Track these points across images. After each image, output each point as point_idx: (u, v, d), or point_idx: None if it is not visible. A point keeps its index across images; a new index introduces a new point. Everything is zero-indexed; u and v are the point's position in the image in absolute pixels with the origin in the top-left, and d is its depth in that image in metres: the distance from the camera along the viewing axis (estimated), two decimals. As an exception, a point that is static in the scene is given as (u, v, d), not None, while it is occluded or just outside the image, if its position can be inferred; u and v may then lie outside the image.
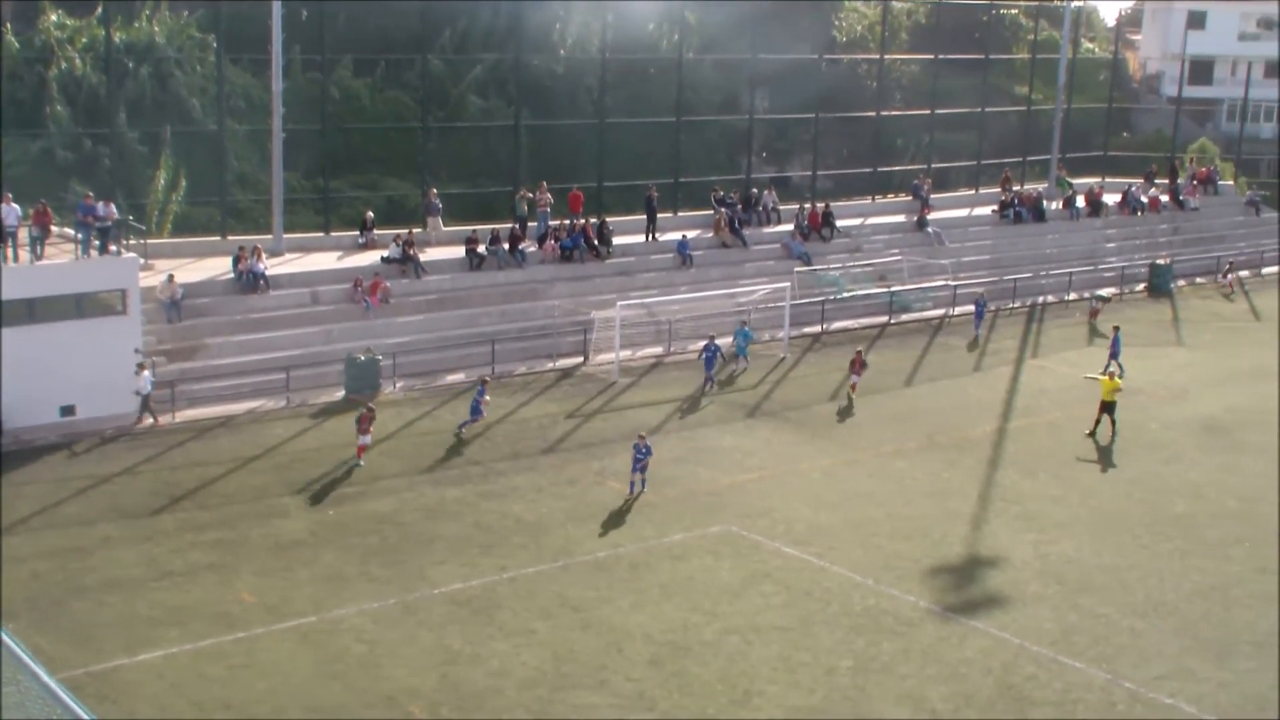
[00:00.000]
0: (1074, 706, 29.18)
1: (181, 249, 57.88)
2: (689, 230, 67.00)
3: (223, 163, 62.48)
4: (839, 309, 64.71)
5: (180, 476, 41.57)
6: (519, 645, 31.05)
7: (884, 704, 28.99)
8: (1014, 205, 79.28)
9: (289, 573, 34.63)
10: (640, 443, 40.95)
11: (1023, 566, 36.54)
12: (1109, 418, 47.70)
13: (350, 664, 30.00)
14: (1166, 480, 44.01)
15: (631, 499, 40.27)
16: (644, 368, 55.90)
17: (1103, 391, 47.80)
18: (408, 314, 55.83)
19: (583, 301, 58.58)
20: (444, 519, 38.67)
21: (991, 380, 56.03)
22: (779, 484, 42.51)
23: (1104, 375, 49.16)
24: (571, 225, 63.04)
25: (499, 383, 52.34)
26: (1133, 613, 33.93)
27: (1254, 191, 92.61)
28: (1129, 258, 78.43)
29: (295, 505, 39.50)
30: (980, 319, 63.00)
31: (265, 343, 51.65)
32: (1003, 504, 41.43)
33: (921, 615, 33.42)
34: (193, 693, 28.44)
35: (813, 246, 69.23)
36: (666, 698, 28.94)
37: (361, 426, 42.76)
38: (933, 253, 72.30)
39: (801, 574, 35.58)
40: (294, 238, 59.90)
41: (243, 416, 47.57)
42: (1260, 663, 31.52)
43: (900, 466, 44.65)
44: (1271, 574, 36.70)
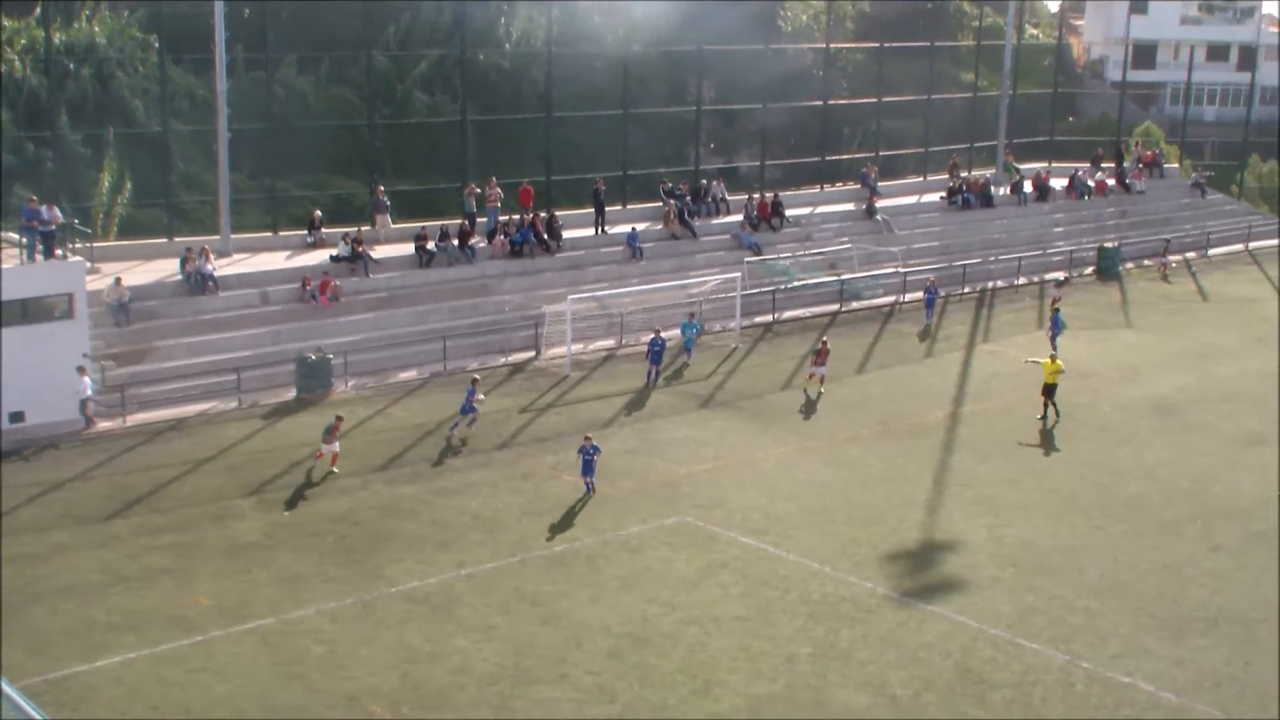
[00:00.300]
0: (1033, 688, 29.32)
1: (128, 252, 57.49)
2: (638, 223, 66.96)
3: (168, 164, 62.12)
4: (790, 298, 64.80)
5: (133, 480, 41.29)
6: (479, 641, 30.99)
7: (844, 690, 29.06)
8: (962, 191, 79.59)
9: (246, 575, 34.45)
10: (587, 444, 40.26)
11: (979, 550, 36.68)
12: (1050, 400, 47.84)
13: (310, 665, 29.87)
14: (1119, 461, 44.27)
15: (589, 497, 40.01)
16: (596, 361, 55.85)
17: (1045, 374, 47.88)
18: (358, 312, 55.63)
19: (533, 296, 58.50)
20: (400, 517, 38.54)
21: (943, 366, 56.22)
22: (734, 474, 42.55)
23: (1045, 358, 49.05)
24: (521, 220, 62.90)
25: (451, 379, 52.21)
26: (1088, 593, 34.11)
27: (1199, 174, 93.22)
28: (1077, 242, 78.83)
29: (250, 507, 39.29)
30: (931, 306, 63.05)
31: (215, 344, 51.36)
32: (957, 488, 41.58)
33: (879, 601, 33.52)
34: (151, 698, 28.26)
35: (762, 236, 69.34)
36: (627, 690, 28.93)
37: (330, 435, 41.98)
38: (882, 240, 72.49)
39: (759, 563, 35.62)
40: (242, 238, 59.57)
41: (194, 419, 47.28)
42: (1214, 639, 31.75)
43: (855, 454, 44.76)
44: (1224, 552, 37.00)
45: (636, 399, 50.18)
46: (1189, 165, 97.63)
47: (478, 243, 61.37)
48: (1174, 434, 47.10)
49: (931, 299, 62.92)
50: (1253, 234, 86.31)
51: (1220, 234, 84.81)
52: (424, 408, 48.82)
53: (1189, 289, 73.04)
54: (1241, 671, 30.22)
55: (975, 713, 28.24)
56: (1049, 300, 65.04)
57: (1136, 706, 28.58)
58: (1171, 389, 52.78)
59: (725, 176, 76.09)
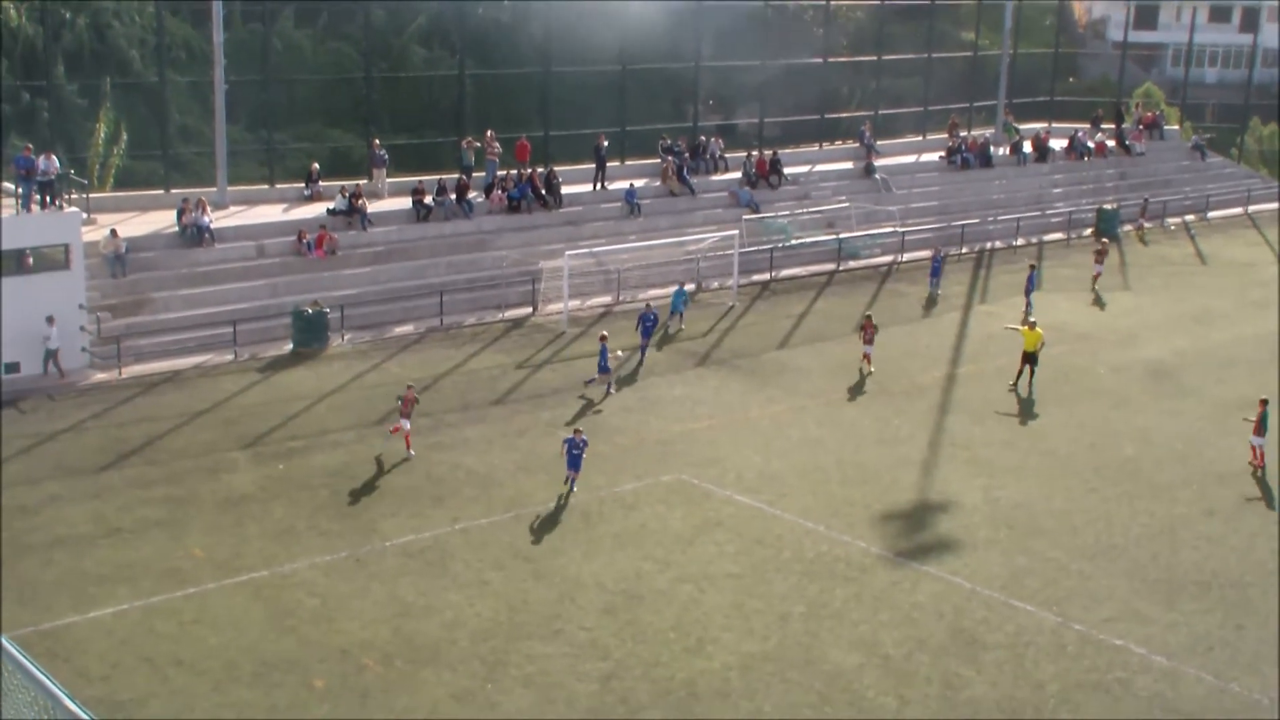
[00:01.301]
0: (1025, 649, 29.37)
1: (124, 203, 57.28)
2: (636, 179, 66.75)
3: (164, 115, 61.86)
4: (787, 256, 64.67)
5: (127, 433, 41.25)
6: (472, 596, 31.01)
7: (837, 649, 29.10)
8: (961, 151, 79.32)
9: (239, 528, 34.45)
10: (576, 437, 37.39)
11: (973, 511, 36.69)
12: (1030, 369, 47.09)
13: (302, 618, 29.89)
14: (1114, 424, 44.26)
15: (564, 498, 37.15)
16: (593, 317, 55.77)
17: (1025, 342, 47.10)
18: (355, 266, 55.49)
19: (531, 252, 58.37)
20: (394, 471, 38.53)
21: (940, 327, 56.17)
22: (729, 432, 42.54)
23: (1024, 325, 48.38)
24: (519, 175, 62.72)
25: (448, 334, 52.17)
26: (1082, 556, 34.14)
27: (1199, 136, 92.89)
28: (1076, 203, 78.60)
29: (244, 460, 39.27)
30: (938, 275, 61.78)
31: (211, 296, 51.27)
32: (952, 449, 41.59)
33: (873, 561, 33.54)
34: (144, 649, 28.29)
35: (760, 194, 69.14)
36: (620, 646, 28.96)
37: (404, 409, 39.79)
38: (880, 199, 72.27)
39: (753, 522, 35.64)
40: (238, 190, 59.36)
41: (189, 371, 47.23)
42: (1207, 603, 31.80)
43: (850, 414, 44.75)
44: (1218, 516, 37.02)
45: (633, 356, 50.09)
46: (1189, 127, 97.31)
47: (475, 197, 61.18)
48: (1169, 398, 47.08)
49: (938, 266, 61.94)
50: (1252, 197, 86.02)
51: (1220, 197, 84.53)
52: (420, 363, 48.77)
53: (1187, 252, 72.92)
54: (1234, 635, 30.27)
55: (967, 673, 28.28)
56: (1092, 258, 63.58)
57: (1128, 669, 28.63)
58: (1168, 352, 52.75)
59: (724, 134, 75.81)
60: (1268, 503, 38.32)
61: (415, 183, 60.15)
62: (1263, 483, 39.67)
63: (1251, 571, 33.57)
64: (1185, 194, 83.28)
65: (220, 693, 26.76)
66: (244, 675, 27.42)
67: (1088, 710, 27.01)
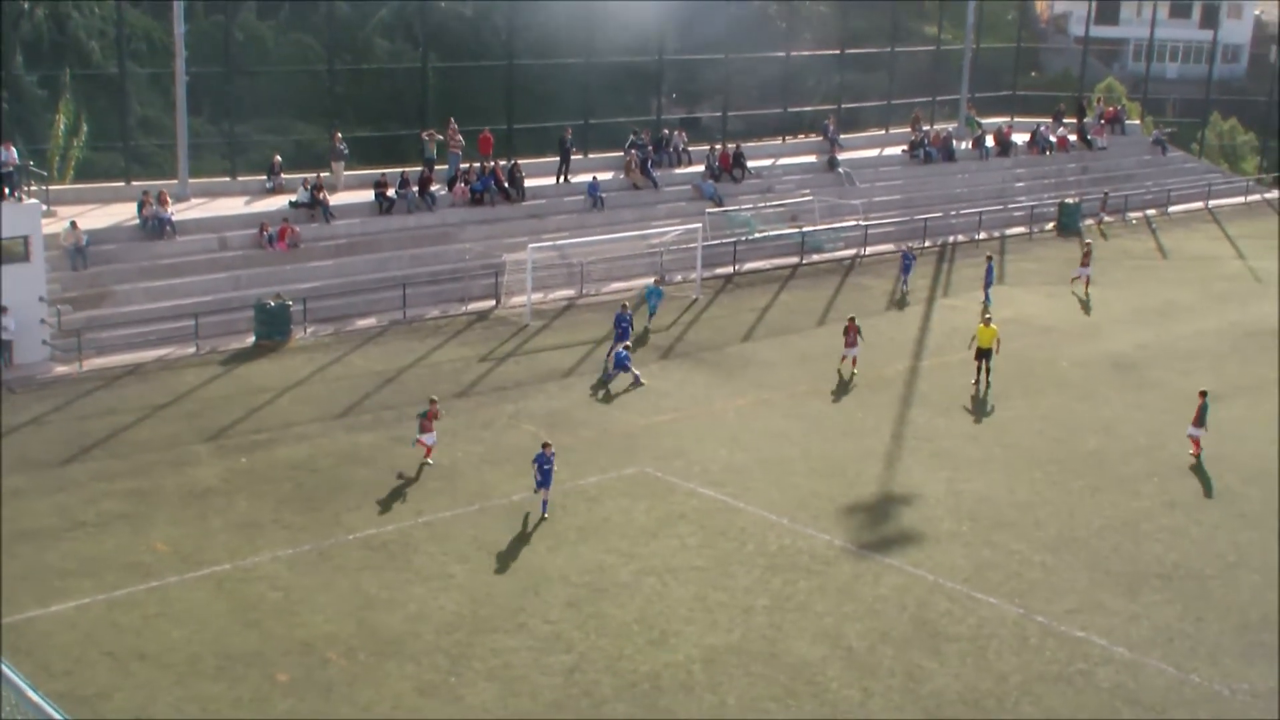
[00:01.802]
0: (988, 641, 29.46)
1: (85, 195, 57.02)
2: (600, 172, 66.68)
3: (125, 107, 61.59)
4: (751, 250, 64.74)
5: (90, 426, 41.04)
6: (436, 589, 30.95)
7: (801, 642, 29.14)
8: (924, 145, 79.56)
9: (202, 521, 34.31)
10: (545, 452, 35.18)
11: (936, 504, 36.78)
12: (985, 364, 46.91)
13: (266, 611, 29.79)
14: (1078, 417, 44.42)
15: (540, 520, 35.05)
16: (557, 310, 55.74)
17: (980, 339, 46.84)
18: (317, 259, 55.35)
19: (494, 244, 58.26)
20: (358, 464, 38.42)
21: (904, 320, 56.30)
22: (693, 425, 42.55)
23: (981, 322, 48.07)
24: (482, 168, 62.62)
25: (411, 327, 52.08)
26: (1045, 548, 34.27)
27: (1160, 130, 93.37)
28: (1038, 197, 78.92)
29: (207, 453, 39.12)
30: (908, 271, 61.10)
31: (173, 289, 51.07)
32: (916, 442, 41.68)
33: (837, 553, 33.59)
34: (107, 643, 28.15)
35: (724, 187, 69.20)
36: (584, 639, 28.95)
37: (425, 423, 38.42)
38: (843, 193, 72.41)
39: (717, 514, 35.66)
40: (200, 183, 59.13)
41: (152, 364, 47.00)
42: (1168, 595, 31.96)
43: (814, 406, 44.81)
44: (1179, 508, 37.21)
45: (597, 349, 50.04)
46: (1150, 122, 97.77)
47: (438, 190, 61.06)
48: (1132, 391, 47.29)
49: (909, 264, 61.21)
50: (1213, 192, 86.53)
51: (1181, 191, 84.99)
52: (383, 355, 48.67)
53: (1149, 246, 73.24)
54: (1194, 627, 30.43)
55: (930, 665, 28.35)
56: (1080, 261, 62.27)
57: (1090, 660, 28.75)
58: (1130, 346, 52.97)
59: (687, 127, 75.87)
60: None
61: (378, 175, 59.98)
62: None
63: (1212, 564, 33.75)
64: (1147, 188, 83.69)
65: (183, 686, 26.64)
66: (207, 669, 27.31)
67: (1050, 702, 27.11)
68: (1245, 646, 29.63)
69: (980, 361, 46.92)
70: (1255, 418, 44.91)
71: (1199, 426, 40.78)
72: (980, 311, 52.71)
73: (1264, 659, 29.10)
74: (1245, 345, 53.48)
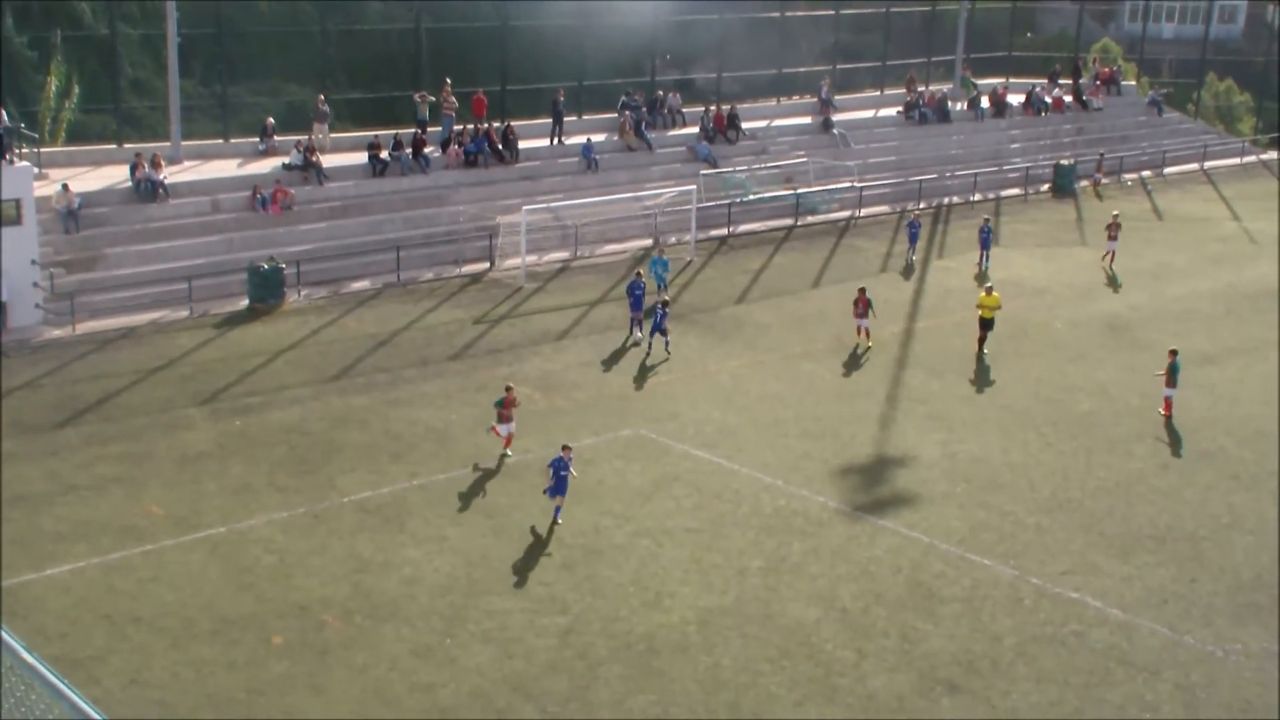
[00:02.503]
0: (982, 602, 29.51)
1: (76, 157, 56.86)
2: (594, 134, 66.53)
3: (116, 69, 61.28)
4: (745, 211, 64.66)
5: (83, 389, 41.00)
6: (430, 552, 30.98)
7: (795, 604, 29.19)
8: (919, 106, 79.38)
9: (196, 484, 34.31)
10: (564, 456, 32.89)
11: (931, 466, 36.81)
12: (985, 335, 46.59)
13: (261, 575, 29.81)
14: (1071, 379, 44.43)
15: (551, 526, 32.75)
16: (551, 272, 55.68)
17: (983, 309, 46.57)
18: (310, 221, 55.20)
19: (488, 207, 58.17)
20: (352, 427, 38.41)
21: (898, 282, 56.26)
22: (687, 387, 42.55)
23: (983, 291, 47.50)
24: (476, 130, 62.44)
25: (405, 289, 52.02)
26: (1039, 510, 34.32)
27: (1156, 91, 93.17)
28: (1033, 158, 78.81)
29: (201, 416, 39.09)
30: (915, 241, 60.15)
31: (166, 252, 50.96)
32: (910, 404, 41.69)
33: (831, 515, 33.63)
34: (102, 606, 28.17)
35: (718, 149, 69.05)
36: (579, 601, 28.99)
37: (503, 412, 36.37)
38: (838, 154, 72.29)
39: (711, 476, 35.68)
40: (192, 145, 58.90)
41: (145, 327, 46.95)
42: (1162, 556, 32.01)
43: (808, 368, 44.80)
44: (1172, 470, 37.27)
45: (591, 312, 50.01)
46: (1146, 83, 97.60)
47: (432, 152, 60.89)
48: (1126, 352, 47.28)
49: (915, 233, 60.08)
50: (1208, 153, 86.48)
51: (1176, 152, 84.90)
52: (377, 318, 48.63)
53: (1144, 207, 73.16)
54: (1187, 589, 30.49)
55: (924, 626, 28.41)
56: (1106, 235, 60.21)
57: (1084, 622, 28.81)
58: (1124, 307, 52.97)
59: (681, 89, 75.57)
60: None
61: (371, 137, 59.79)
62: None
63: (1205, 525, 33.80)
64: (1142, 149, 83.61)
65: (178, 650, 26.67)
66: (202, 632, 27.34)
67: (1044, 663, 27.17)
68: (1238, 607, 29.70)
69: (983, 332, 46.57)
70: (1249, 379, 44.96)
71: (1170, 386, 40.79)
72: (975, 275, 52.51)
73: (1257, 620, 29.17)
74: (1239, 307, 53.49)
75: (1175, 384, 40.79)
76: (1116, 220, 58.63)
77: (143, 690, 25.26)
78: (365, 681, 25.77)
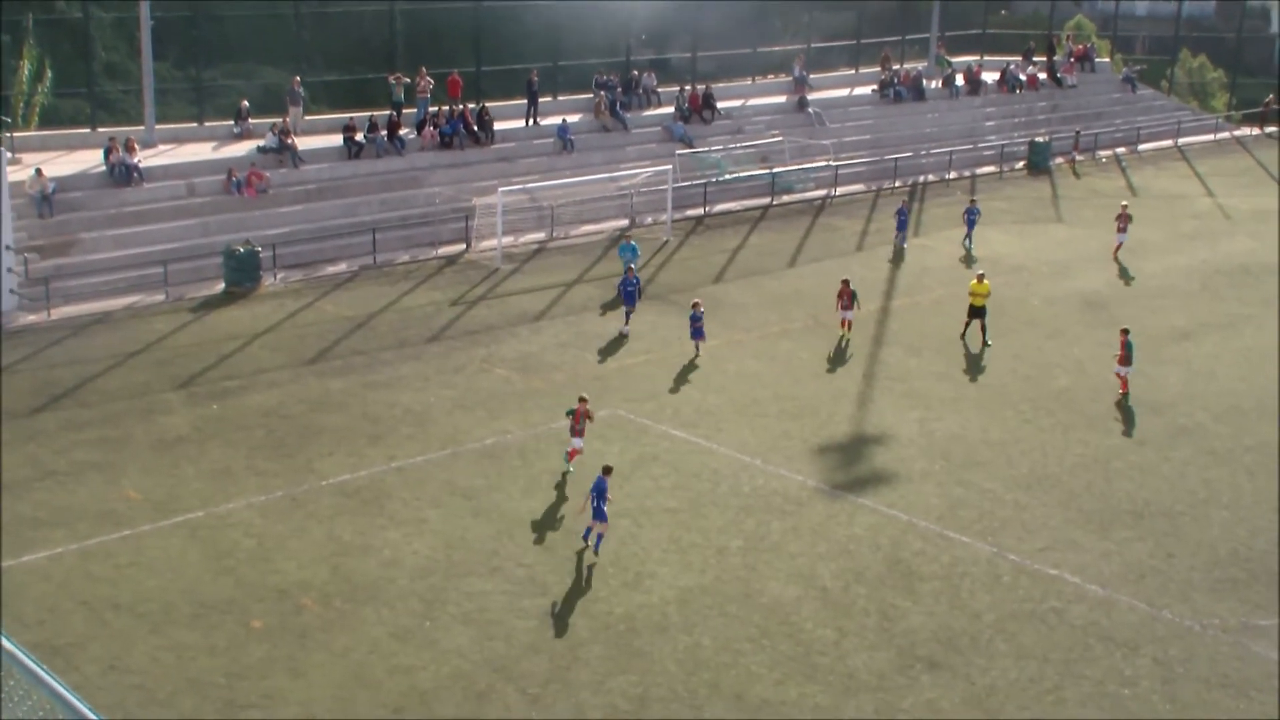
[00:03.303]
0: (961, 579, 29.59)
1: (50, 142, 56.59)
2: (569, 114, 66.43)
3: (89, 52, 60.99)
4: (721, 191, 64.65)
5: (59, 375, 40.85)
6: (410, 534, 30.95)
7: (775, 582, 29.23)
8: (894, 85, 79.39)
9: (175, 469, 34.22)
10: (606, 480, 30.33)
11: (909, 443, 36.87)
12: (980, 322, 45.46)
13: (240, 558, 29.76)
14: (1049, 355, 44.54)
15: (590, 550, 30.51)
16: (527, 253, 55.62)
17: (973, 296, 45.49)
18: (286, 204, 55.03)
19: (464, 188, 58.05)
20: (330, 410, 38.34)
21: (874, 260, 56.29)
22: (665, 367, 42.54)
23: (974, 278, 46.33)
24: (451, 111, 62.30)
25: (381, 271, 51.93)
26: (1017, 486, 34.41)
27: (1129, 68, 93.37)
28: (1008, 136, 78.94)
29: (178, 401, 38.98)
30: (903, 229, 58.89)
31: (141, 236, 50.77)
32: (888, 382, 41.75)
33: (810, 494, 33.67)
34: (81, 592, 28.10)
35: (694, 129, 69.00)
36: (559, 582, 29.00)
37: (576, 426, 34.23)
38: (813, 133, 72.29)
39: (690, 456, 35.70)
40: (167, 129, 58.67)
41: (121, 312, 46.79)
42: (1140, 532, 32.13)
43: (786, 347, 44.83)
44: (1150, 446, 37.38)
45: (567, 293, 49.97)
46: (1120, 60, 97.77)
47: (407, 134, 60.74)
48: (1103, 329, 47.35)
49: (904, 220, 59.05)
50: (1182, 130, 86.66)
51: (1150, 129, 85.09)
52: (353, 301, 48.53)
53: (1119, 184, 73.30)
54: (1165, 564, 30.61)
55: (904, 604, 28.48)
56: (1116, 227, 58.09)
57: (1063, 598, 28.91)
58: (1100, 284, 53.10)
59: (657, 68, 75.45)
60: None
61: (346, 120, 59.61)
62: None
63: (1182, 500, 33.93)
64: (1116, 126, 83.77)
65: (158, 634, 26.62)
66: (182, 617, 27.29)
67: (1023, 639, 27.26)
68: (1215, 582, 29.83)
69: (971, 319, 45.45)
70: (1225, 354, 45.13)
71: (1126, 364, 40.76)
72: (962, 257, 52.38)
73: (1234, 594, 29.31)
74: (1214, 282, 53.67)
75: (1130, 362, 40.72)
76: (1126, 211, 57.34)
77: (122, 676, 25.21)
78: (345, 664, 25.76)
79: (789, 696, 25.12)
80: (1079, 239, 60.23)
